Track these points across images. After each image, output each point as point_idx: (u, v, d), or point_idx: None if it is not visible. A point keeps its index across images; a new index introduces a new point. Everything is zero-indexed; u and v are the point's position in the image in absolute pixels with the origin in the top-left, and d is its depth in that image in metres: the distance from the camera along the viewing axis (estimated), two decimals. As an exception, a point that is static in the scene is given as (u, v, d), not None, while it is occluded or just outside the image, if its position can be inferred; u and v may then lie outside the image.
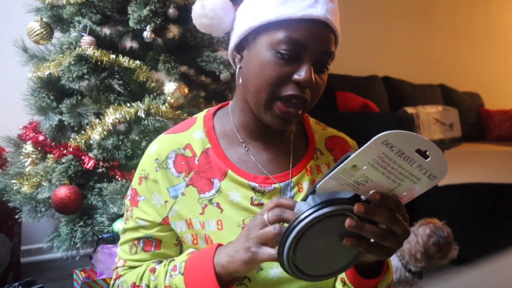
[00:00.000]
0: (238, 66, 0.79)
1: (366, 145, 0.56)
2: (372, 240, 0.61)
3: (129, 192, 0.84)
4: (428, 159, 0.57)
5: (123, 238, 0.83)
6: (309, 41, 0.71)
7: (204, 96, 1.88)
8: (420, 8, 4.11)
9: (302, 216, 0.58)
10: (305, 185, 0.81)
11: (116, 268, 0.83)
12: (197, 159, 0.80)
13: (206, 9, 0.80)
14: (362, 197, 0.61)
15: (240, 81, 0.79)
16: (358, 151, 0.55)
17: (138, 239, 0.81)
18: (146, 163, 0.82)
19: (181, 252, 0.82)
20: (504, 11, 4.88)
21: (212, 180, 0.79)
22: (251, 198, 0.78)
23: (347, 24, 3.59)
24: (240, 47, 0.79)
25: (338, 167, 0.57)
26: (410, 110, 3.34)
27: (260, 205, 0.78)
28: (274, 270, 0.76)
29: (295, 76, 0.72)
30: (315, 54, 0.72)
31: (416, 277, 1.72)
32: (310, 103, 0.77)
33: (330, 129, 0.92)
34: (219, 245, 0.72)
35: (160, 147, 0.81)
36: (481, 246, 2.25)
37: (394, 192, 0.60)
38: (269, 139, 0.82)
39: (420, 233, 1.68)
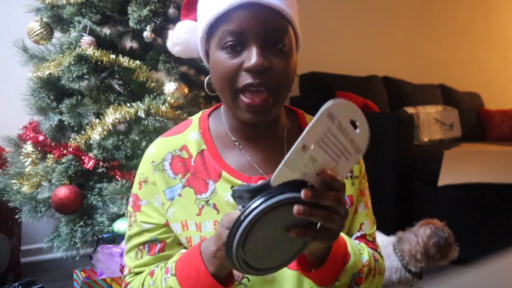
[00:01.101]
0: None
1: (313, 120, 0.55)
2: (318, 227, 0.60)
3: (130, 199, 0.85)
4: (357, 130, 0.57)
5: (128, 245, 0.83)
6: (247, 26, 0.70)
7: (204, 96, 1.88)
8: (420, 8, 4.11)
9: (248, 211, 0.57)
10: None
11: (124, 277, 0.84)
12: (193, 160, 0.80)
13: (175, 37, 0.85)
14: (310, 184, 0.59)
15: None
16: (307, 128, 0.54)
17: (143, 243, 0.81)
18: (144, 167, 0.82)
19: None
20: (504, 11, 4.89)
21: (207, 181, 0.79)
22: None
23: (347, 24, 3.60)
24: (205, 58, 0.81)
25: (290, 151, 0.56)
26: (410, 110, 3.34)
27: None
28: None
29: (245, 65, 0.71)
30: (258, 37, 0.71)
31: (416, 278, 1.72)
32: (278, 88, 0.73)
33: None
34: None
35: (157, 150, 0.82)
36: (481, 246, 2.25)
37: (336, 172, 0.59)
38: (262, 138, 0.82)
39: (421, 233, 1.68)
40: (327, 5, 3.48)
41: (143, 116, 1.54)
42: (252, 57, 0.70)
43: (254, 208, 0.57)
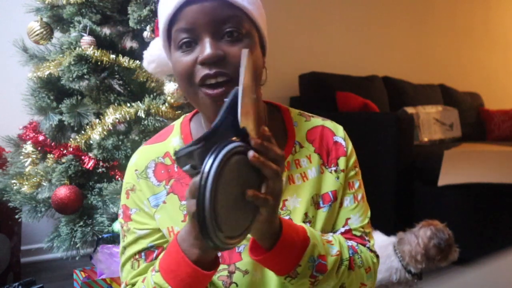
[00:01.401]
0: None
1: (243, 65, 0.58)
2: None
3: (120, 211, 0.83)
4: None
5: (123, 258, 0.80)
6: (196, 21, 0.69)
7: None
8: (420, 8, 4.11)
9: (206, 168, 0.55)
10: (284, 180, 0.78)
11: None
12: (176, 166, 0.80)
13: (148, 55, 0.84)
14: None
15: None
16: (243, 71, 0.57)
17: (139, 252, 0.78)
18: (128, 176, 0.82)
19: None
20: (504, 11, 4.89)
21: None
22: None
23: (347, 24, 3.60)
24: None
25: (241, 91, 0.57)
26: (410, 110, 3.34)
27: None
28: (258, 272, 0.75)
29: (199, 58, 0.70)
30: (209, 29, 0.69)
31: (416, 278, 1.72)
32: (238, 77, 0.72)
33: (315, 119, 0.87)
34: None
35: (139, 158, 0.82)
36: (481, 246, 2.25)
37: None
38: None
39: (421, 234, 1.68)
40: (327, 5, 3.48)
41: (143, 116, 1.54)
42: (205, 49, 0.69)
43: (212, 163, 0.55)
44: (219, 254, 0.73)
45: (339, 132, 0.85)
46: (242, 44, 0.70)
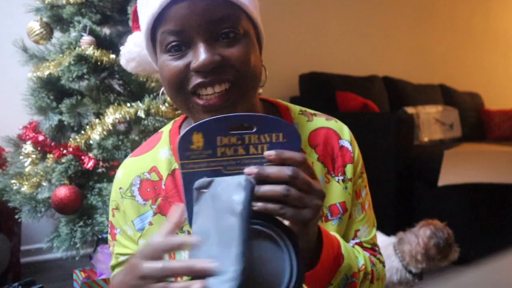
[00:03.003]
0: None
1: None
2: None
3: (108, 228, 0.79)
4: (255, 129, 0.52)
5: (111, 276, 0.77)
6: (187, 22, 0.61)
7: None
8: (420, 8, 4.11)
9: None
10: None
11: None
12: (164, 182, 0.72)
13: (126, 52, 0.77)
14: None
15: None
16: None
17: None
18: (113, 193, 0.76)
19: None
20: (505, 11, 4.88)
21: None
22: None
23: (348, 24, 3.60)
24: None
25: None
26: (410, 110, 3.34)
27: None
28: None
29: (192, 65, 0.62)
30: (202, 31, 0.61)
31: (417, 278, 1.72)
32: (238, 81, 0.63)
33: (318, 119, 0.78)
34: None
35: (124, 174, 0.75)
36: (481, 246, 2.25)
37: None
38: None
39: (421, 234, 1.68)
40: (327, 5, 3.48)
41: (143, 116, 1.54)
42: (199, 54, 0.61)
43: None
44: None
45: (344, 135, 0.77)
46: (240, 45, 0.63)
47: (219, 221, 0.49)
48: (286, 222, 0.53)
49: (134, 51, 0.77)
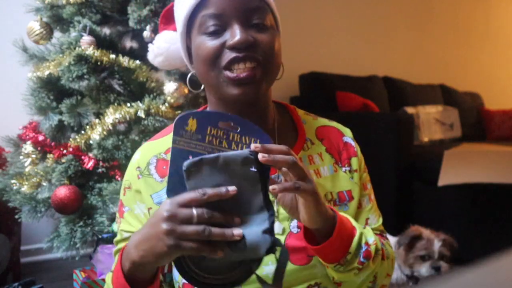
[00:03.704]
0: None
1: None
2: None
3: (118, 204, 0.84)
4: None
5: (114, 250, 0.82)
6: (227, 8, 0.70)
7: (204, 96, 1.88)
8: (420, 8, 4.11)
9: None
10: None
11: None
12: None
13: (155, 48, 0.85)
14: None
15: (202, 87, 0.81)
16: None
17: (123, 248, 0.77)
18: (129, 173, 0.81)
19: None
20: (505, 11, 4.88)
21: None
22: None
23: (348, 24, 3.60)
24: (186, 55, 0.80)
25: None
26: (410, 110, 3.34)
27: None
28: (269, 266, 0.75)
29: (228, 42, 0.70)
30: (239, 16, 0.71)
31: (412, 282, 1.71)
32: (266, 62, 0.72)
33: (322, 119, 0.89)
34: None
35: (142, 155, 0.81)
36: (481, 246, 2.25)
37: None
38: None
39: (402, 242, 1.66)
40: (327, 5, 3.48)
41: (143, 116, 1.54)
42: (235, 34, 0.70)
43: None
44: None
45: (347, 133, 0.87)
46: (268, 33, 0.73)
47: (235, 185, 0.59)
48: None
49: (163, 47, 0.87)
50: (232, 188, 0.58)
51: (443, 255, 1.63)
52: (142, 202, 0.78)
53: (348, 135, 0.87)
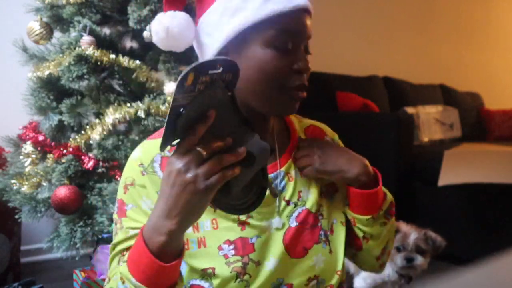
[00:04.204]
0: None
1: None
2: None
3: (115, 206, 0.80)
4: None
5: (111, 254, 0.77)
6: (299, 30, 0.74)
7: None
8: (421, 8, 4.11)
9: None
10: (293, 173, 0.84)
11: None
12: None
13: (170, 31, 0.80)
14: None
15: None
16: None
17: (128, 248, 0.74)
18: (130, 170, 0.79)
19: None
20: (505, 11, 4.88)
21: None
22: None
23: (348, 24, 3.60)
24: (224, 53, 0.77)
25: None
26: (410, 110, 3.34)
27: None
28: (271, 261, 0.78)
29: (295, 66, 0.74)
30: (304, 40, 0.76)
31: (404, 281, 1.71)
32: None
33: (306, 120, 0.95)
34: None
35: (144, 152, 0.79)
36: (481, 246, 2.25)
37: None
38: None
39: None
40: (327, 5, 3.48)
41: (143, 116, 1.54)
42: (303, 59, 0.75)
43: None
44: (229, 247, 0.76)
45: (328, 133, 0.95)
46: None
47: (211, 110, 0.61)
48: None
49: (167, 21, 0.81)
50: (210, 112, 0.60)
51: (420, 248, 1.64)
52: (148, 198, 0.76)
53: (329, 134, 0.94)
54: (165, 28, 0.80)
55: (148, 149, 0.79)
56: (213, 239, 0.76)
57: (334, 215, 0.87)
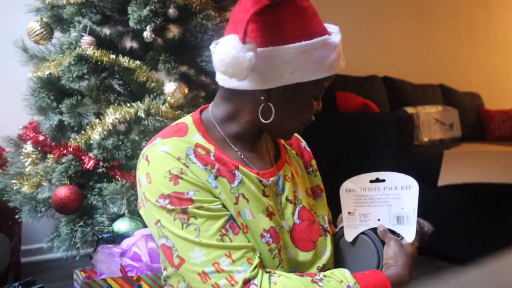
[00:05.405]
0: (263, 101, 0.80)
1: (342, 198, 0.94)
2: None
3: (165, 202, 0.75)
4: (385, 182, 0.89)
5: (200, 244, 0.73)
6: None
7: (204, 96, 1.88)
8: (420, 8, 4.11)
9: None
10: (290, 174, 0.93)
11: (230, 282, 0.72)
12: (212, 154, 0.81)
13: (220, 53, 0.75)
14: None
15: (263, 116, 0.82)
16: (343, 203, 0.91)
17: (223, 226, 0.75)
18: (169, 164, 0.77)
19: None
20: (505, 11, 4.88)
21: (233, 172, 0.82)
22: (263, 190, 0.85)
23: (348, 24, 3.59)
24: (272, 90, 0.80)
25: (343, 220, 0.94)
26: (410, 110, 3.34)
27: (267, 196, 0.85)
28: (288, 249, 0.86)
29: (318, 108, 0.87)
30: None
31: None
32: None
33: None
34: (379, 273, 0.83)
35: (174, 146, 0.79)
36: (481, 246, 2.25)
37: (392, 212, 0.88)
38: (253, 142, 0.90)
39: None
40: (326, 5, 3.48)
41: (143, 116, 1.54)
42: (320, 104, 0.88)
43: None
44: None
45: (302, 140, 1.06)
46: None
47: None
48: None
49: (227, 52, 0.75)
50: None
51: None
52: (204, 184, 0.77)
53: (303, 142, 1.05)
54: (251, 58, 0.74)
55: (176, 144, 0.79)
56: (254, 227, 0.80)
57: (322, 213, 0.97)
